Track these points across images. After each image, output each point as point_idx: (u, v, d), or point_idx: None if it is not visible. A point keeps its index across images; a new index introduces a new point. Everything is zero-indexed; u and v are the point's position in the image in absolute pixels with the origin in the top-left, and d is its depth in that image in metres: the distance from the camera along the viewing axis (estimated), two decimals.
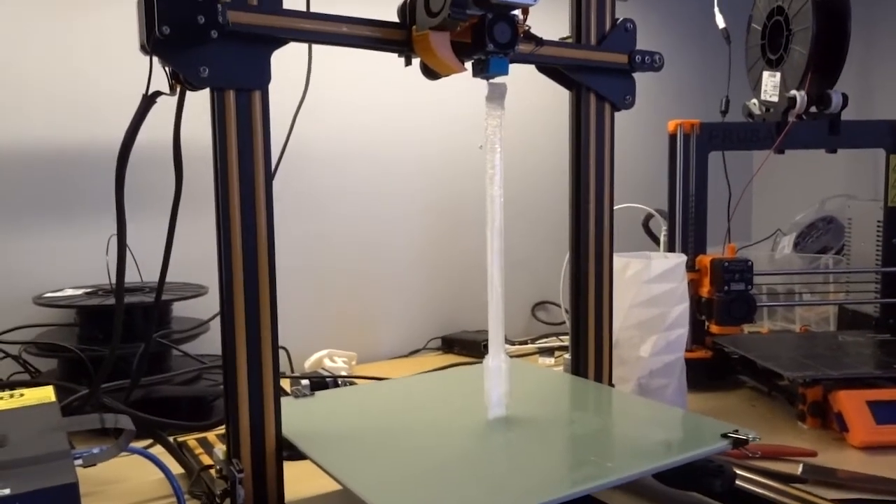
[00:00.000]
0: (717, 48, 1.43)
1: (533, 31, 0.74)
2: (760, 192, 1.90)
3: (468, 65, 0.72)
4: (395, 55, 0.73)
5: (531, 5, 0.68)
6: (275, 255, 0.68)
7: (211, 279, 1.16)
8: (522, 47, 0.74)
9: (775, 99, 1.28)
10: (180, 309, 1.17)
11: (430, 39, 0.67)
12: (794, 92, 1.23)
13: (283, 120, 0.98)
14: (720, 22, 1.42)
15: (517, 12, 0.70)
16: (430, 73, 0.73)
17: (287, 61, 0.75)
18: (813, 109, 1.25)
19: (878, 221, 1.30)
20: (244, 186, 0.65)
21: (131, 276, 1.17)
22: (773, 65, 1.30)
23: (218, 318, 0.67)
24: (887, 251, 1.28)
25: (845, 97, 1.23)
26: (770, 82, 1.30)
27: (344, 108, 1.41)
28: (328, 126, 1.40)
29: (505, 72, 0.70)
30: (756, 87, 1.34)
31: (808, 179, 1.80)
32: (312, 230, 1.40)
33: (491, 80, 0.72)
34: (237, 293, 0.66)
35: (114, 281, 1.05)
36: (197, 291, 1.15)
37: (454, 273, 1.55)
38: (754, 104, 1.33)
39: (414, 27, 0.70)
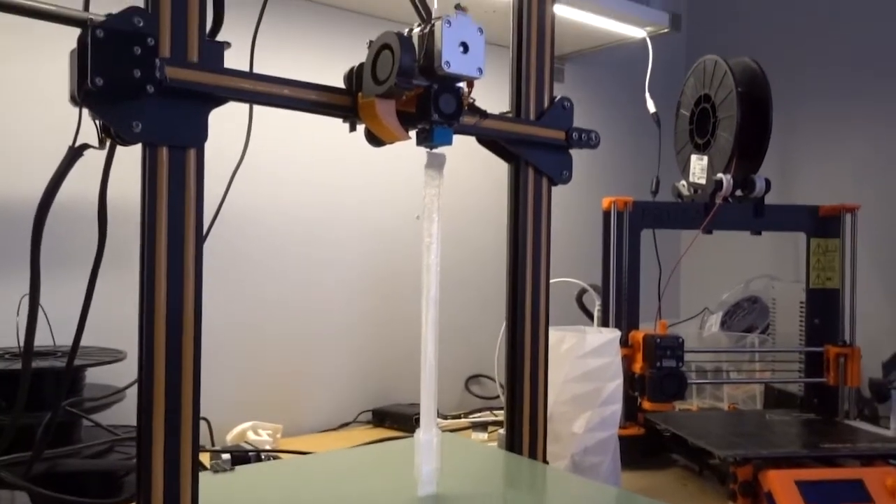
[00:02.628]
0: (648, 130, 1.49)
1: (477, 103, 0.75)
2: (688, 271, 1.96)
3: (412, 133, 0.72)
4: (340, 120, 0.73)
5: (476, 78, 0.70)
6: (201, 320, 0.65)
7: (129, 344, 1.11)
8: (466, 119, 0.75)
9: (703, 181, 1.34)
10: (94, 375, 1.11)
11: (376, 107, 0.68)
12: (720, 175, 1.28)
13: (217, 178, 0.96)
14: (651, 107, 1.50)
15: (462, 84, 0.71)
16: (375, 139, 0.73)
17: (225, 119, 0.74)
18: (738, 193, 1.31)
19: (801, 302, 1.35)
20: (173, 247, 0.62)
21: (43, 340, 1.10)
22: (700, 149, 1.37)
23: (134, 387, 0.64)
24: (810, 331, 1.32)
25: (768, 182, 1.29)
26: (698, 165, 1.36)
27: (281, 170, 1.40)
28: (263, 186, 1.38)
29: (449, 142, 0.71)
30: (685, 168, 1.40)
31: (733, 260, 1.86)
32: (241, 293, 1.36)
33: (431, 150, 0.73)
34: (158, 359, 0.62)
35: (22, 343, 0.98)
36: (114, 357, 1.09)
37: (388, 343, 1.53)
38: (683, 185, 1.39)
39: (360, 93, 0.71)
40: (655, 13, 1.56)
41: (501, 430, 0.90)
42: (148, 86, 0.59)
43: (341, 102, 0.71)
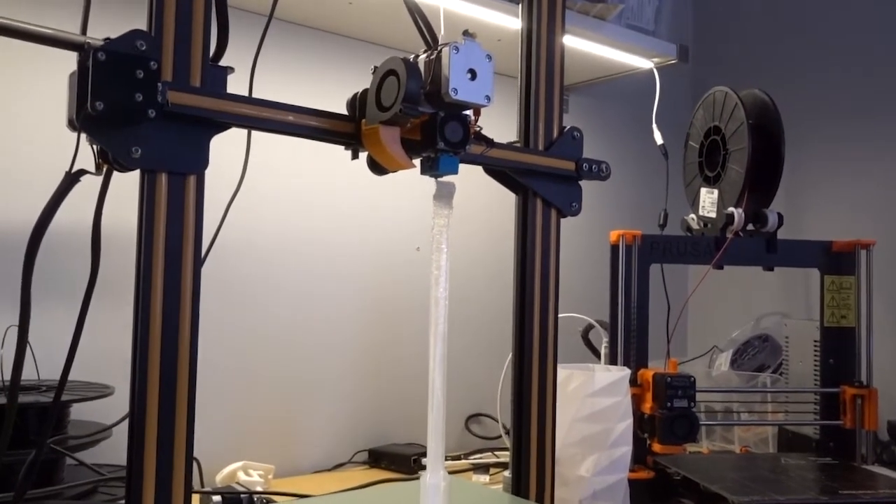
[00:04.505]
0: (656, 162, 1.50)
1: (484, 132, 0.75)
2: (696, 307, 1.95)
3: (416, 161, 0.72)
4: (342, 147, 0.73)
5: (484, 106, 0.70)
6: (197, 355, 0.64)
7: (115, 378, 1.10)
8: (473, 148, 0.75)
9: (713, 215, 1.34)
10: (78, 411, 1.09)
11: (380, 134, 0.68)
12: (731, 209, 1.28)
13: (216, 207, 0.96)
14: (658, 138, 1.50)
15: (469, 112, 0.71)
16: (378, 168, 0.73)
17: (227, 146, 0.74)
18: (750, 227, 1.31)
19: (815, 341, 1.34)
20: (169, 277, 0.62)
21: (27, 373, 1.09)
22: (710, 181, 1.37)
23: (121, 424, 0.63)
24: (825, 371, 1.31)
25: (781, 216, 1.29)
26: (708, 199, 1.36)
27: (276, 198, 1.40)
28: (262, 217, 1.37)
29: (455, 171, 0.71)
30: (694, 202, 1.40)
31: (743, 296, 1.86)
32: (236, 326, 1.35)
33: (439, 179, 0.73)
34: (151, 395, 0.61)
35: (7, 378, 0.97)
36: (101, 392, 1.07)
37: (386, 380, 1.51)
38: (692, 219, 1.39)
39: (363, 120, 0.71)
40: (663, 44, 1.57)
41: (506, 473, 0.88)
42: (149, 110, 0.59)
43: (344, 129, 0.71)
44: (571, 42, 1.44)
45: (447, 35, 0.73)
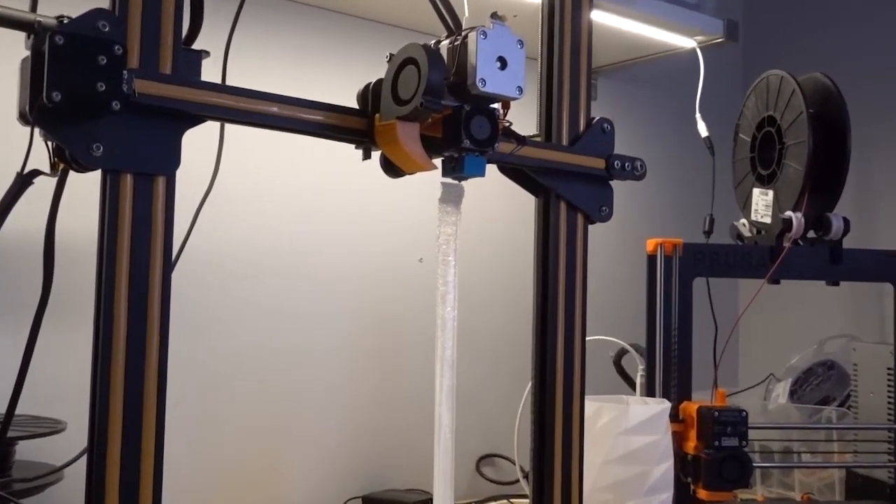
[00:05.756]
0: (700, 159, 1.51)
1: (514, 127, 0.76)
2: (749, 329, 1.96)
3: (437, 162, 0.73)
4: (326, 142, 0.74)
5: (515, 99, 0.71)
6: (166, 384, 0.65)
7: (68, 412, 1.11)
8: (501, 146, 0.76)
9: (768, 220, 1.35)
10: (26, 451, 1.10)
11: (397, 131, 0.69)
12: (789, 213, 1.29)
13: (181, 213, 0.97)
14: (702, 130, 1.51)
15: (497, 106, 0.72)
16: (393, 169, 0.74)
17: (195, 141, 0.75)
18: (811, 234, 1.31)
19: (889, 369, 1.35)
20: (135, 295, 0.63)
21: None
22: (764, 181, 1.38)
23: (75, 465, 0.64)
24: None
25: (847, 221, 1.30)
26: (761, 201, 1.37)
27: (257, 203, 1.40)
28: (235, 225, 1.38)
29: (481, 172, 0.73)
30: (745, 205, 1.41)
31: (804, 315, 1.86)
32: (206, 353, 1.35)
33: (445, 181, 0.74)
34: (113, 433, 0.62)
35: None
36: (52, 428, 1.08)
37: (383, 416, 1.52)
38: (743, 225, 1.40)
39: (377, 115, 0.72)
40: (707, 20, 1.58)
41: None
42: (113, 102, 0.60)
43: (354, 125, 0.73)
44: (600, 18, 1.45)
45: (472, 18, 0.74)
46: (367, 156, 0.75)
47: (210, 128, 0.72)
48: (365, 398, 1.51)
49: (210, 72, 0.69)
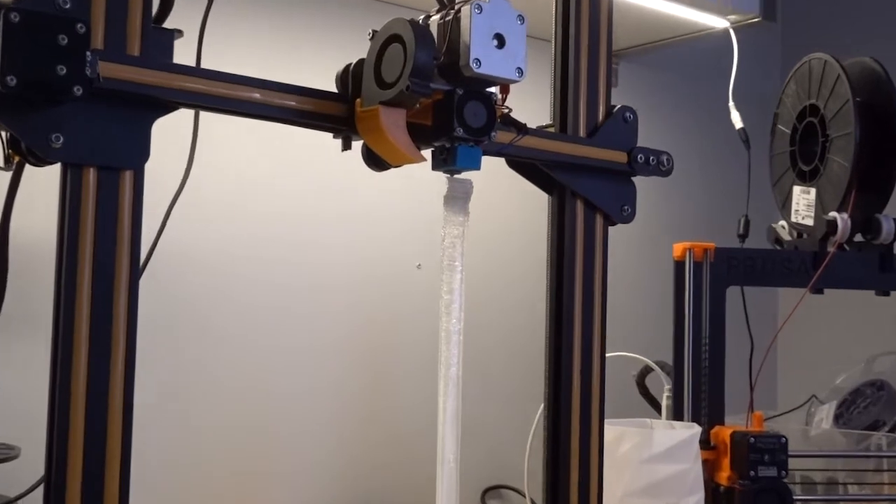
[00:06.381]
0: (733, 153, 1.51)
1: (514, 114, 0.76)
2: (789, 344, 1.95)
3: (427, 154, 0.73)
4: (324, 134, 0.74)
5: (514, 82, 0.71)
6: (133, 403, 0.65)
7: (22, 437, 1.11)
8: (500, 135, 0.76)
9: (810, 222, 1.35)
10: None
11: (381, 118, 0.69)
12: (834, 214, 1.29)
13: (150, 213, 0.97)
14: (736, 121, 1.51)
15: (495, 90, 0.72)
16: (376, 161, 0.74)
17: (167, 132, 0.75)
18: (858, 238, 1.31)
19: None
20: (98, 303, 0.63)
21: None
22: (806, 178, 1.38)
23: (32, 496, 0.64)
24: None
25: None
26: (803, 200, 1.37)
27: (236, 202, 1.40)
28: (210, 226, 1.38)
29: (476, 166, 0.72)
30: (785, 204, 1.41)
31: (850, 329, 1.86)
32: (177, 370, 1.35)
33: (452, 176, 0.74)
34: (73, 459, 0.62)
35: None
36: (3, 454, 1.08)
37: (378, 442, 1.52)
38: (782, 227, 1.40)
39: (358, 100, 0.72)
40: None
41: None
42: (75, 87, 0.60)
43: (332, 111, 0.73)
44: None
45: None
46: (346, 146, 0.75)
47: (183, 116, 0.73)
48: (357, 423, 1.51)
49: (183, 53, 0.69)
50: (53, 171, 0.63)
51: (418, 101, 0.69)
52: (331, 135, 0.77)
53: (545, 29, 0.91)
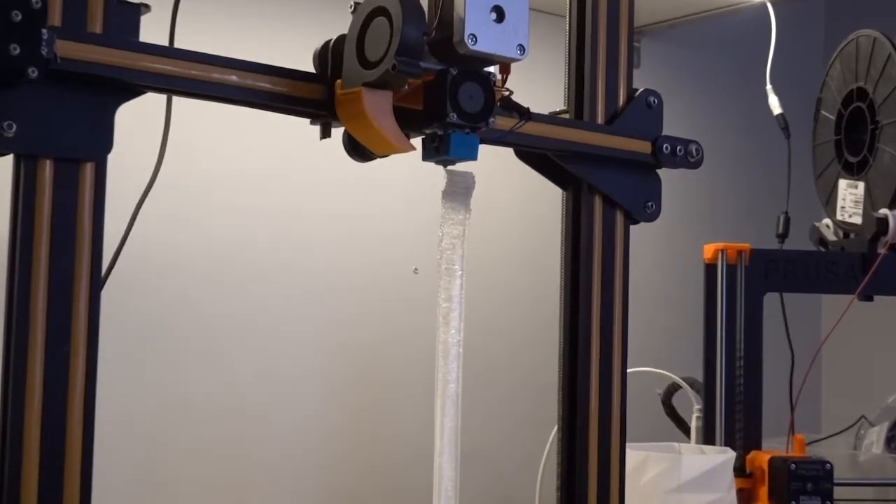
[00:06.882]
0: (771, 141, 1.51)
1: (515, 97, 0.76)
2: (834, 358, 1.95)
3: (417, 143, 0.73)
4: (308, 121, 0.74)
5: (515, 60, 0.71)
6: (94, 424, 0.65)
7: None
8: (499, 121, 0.76)
9: (858, 220, 1.35)
10: None
11: (364, 101, 0.69)
12: (884, 211, 1.29)
13: (118, 211, 0.97)
14: (775, 107, 1.50)
15: (494, 70, 0.72)
16: (360, 151, 0.74)
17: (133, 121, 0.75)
18: None
19: None
20: (55, 310, 0.63)
21: None
22: (853, 171, 1.38)
23: None
24: None
25: None
26: (850, 196, 1.37)
27: (214, 199, 1.41)
28: (185, 225, 1.39)
29: (473, 155, 0.72)
30: (829, 200, 1.41)
31: None
32: (146, 388, 1.36)
33: (451, 168, 0.74)
34: (27, 490, 0.63)
35: None
36: None
37: (369, 465, 1.52)
38: (827, 226, 1.40)
39: (339, 81, 0.72)
40: None
41: None
42: (30, 68, 0.60)
43: (309, 94, 0.73)
44: None
45: None
46: (325, 133, 0.75)
47: (152, 101, 0.73)
48: (347, 444, 1.51)
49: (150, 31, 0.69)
50: (5, 164, 0.63)
51: (406, 83, 0.69)
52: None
53: (558, 2, 0.91)
